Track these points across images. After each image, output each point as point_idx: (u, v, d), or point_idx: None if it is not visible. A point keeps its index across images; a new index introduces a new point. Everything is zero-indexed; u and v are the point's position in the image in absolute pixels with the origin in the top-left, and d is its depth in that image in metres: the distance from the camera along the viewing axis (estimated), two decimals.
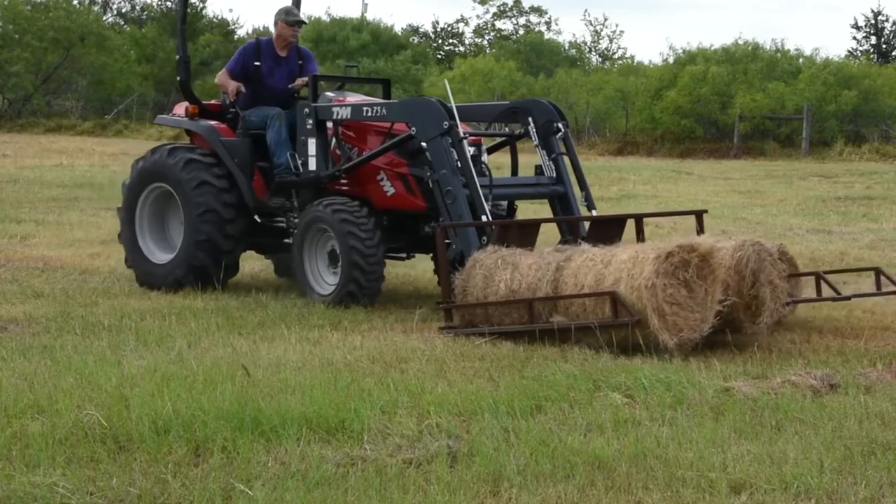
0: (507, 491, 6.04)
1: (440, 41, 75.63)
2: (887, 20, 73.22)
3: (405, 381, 8.42)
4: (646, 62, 64.82)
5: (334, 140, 12.29)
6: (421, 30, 72.43)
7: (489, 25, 73.58)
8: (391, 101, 12.68)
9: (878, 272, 11.41)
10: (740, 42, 56.85)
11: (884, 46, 72.16)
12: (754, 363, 9.27)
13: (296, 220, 12.28)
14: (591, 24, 64.67)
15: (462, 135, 11.30)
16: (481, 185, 11.19)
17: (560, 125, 12.05)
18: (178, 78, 13.36)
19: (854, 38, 74.50)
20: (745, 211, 23.80)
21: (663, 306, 9.10)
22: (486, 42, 73.99)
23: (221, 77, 13.02)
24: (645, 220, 12.08)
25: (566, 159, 12.13)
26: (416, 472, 6.31)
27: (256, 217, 12.75)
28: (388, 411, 7.48)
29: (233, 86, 12.73)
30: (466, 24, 71.57)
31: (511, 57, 63.69)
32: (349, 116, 12.19)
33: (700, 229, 11.31)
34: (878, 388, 8.46)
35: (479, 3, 72.21)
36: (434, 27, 73.85)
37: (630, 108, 54.27)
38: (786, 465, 6.52)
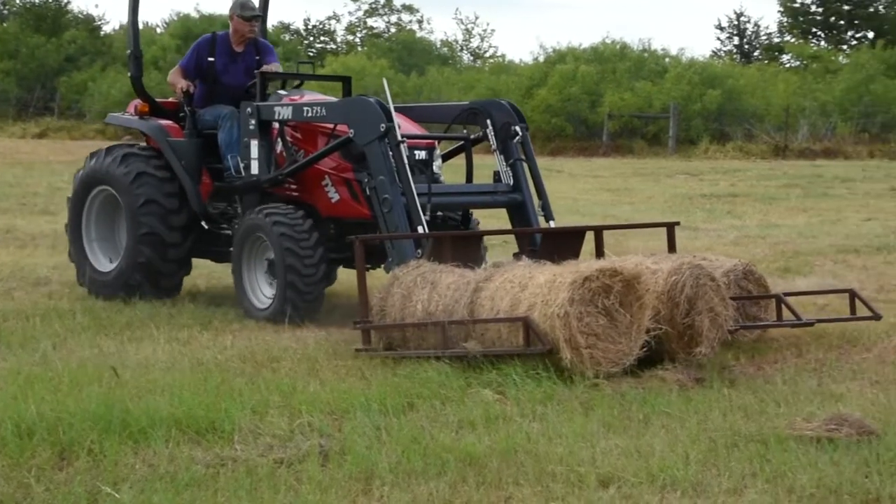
0: (379, 489, 6.04)
1: (312, 38, 75.17)
2: (749, 21, 74.54)
3: (277, 380, 8.37)
4: (517, 61, 64.94)
5: (279, 142, 11.52)
6: (292, 27, 71.91)
7: (361, 23, 73.41)
8: (331, 100, 11.56)
9: (853, 294, 10.27)
10: (608, 42, 57.35)
11: (746, 47, 73.36)
12: None
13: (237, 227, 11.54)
14: (462, 23, 64.96)
15: (400, 138, 10.36)
16: (419, 194, 10.29)
17: (518, 128, 11.15)
18: (130, 74, 12.50)
19: (718, 38, 75.91)
20: (614, 209, 24.01)
21: (577, 337, 8.16)
22: (357, 40, 73.75)
23: (173, 75, 12.24)
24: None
25: (525, 165, 11.22)
26: (288, 471, 6.28)
27: (203, 223, 11.89)
28: (259, 411, 7.42)
29: (182, 84, 11.94)
30: (338, 21, 71.31)
31: (383, 55, 63.50)
32: (290, 117, 11.32)
33: (671, 245, 10.72)
34: (742, 381, 8.59)
35: (352, 0, 72.04)
36: (306, 24, 73.40)
37: None
38: (653, 458, 6.59)
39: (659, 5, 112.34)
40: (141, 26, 12.72)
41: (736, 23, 74.62)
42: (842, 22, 73.09)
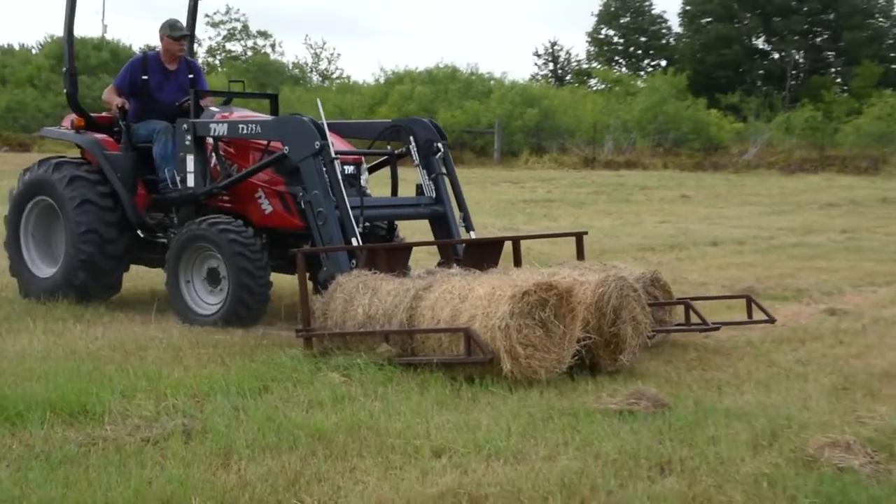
0: (237, 463, 5.97)
1: None
2: (562, 49, 75.69)
3: (144, 367, 8.22)
4: (360, 81, 64.89)
5: (214, 156, 10.87)
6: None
7: (220, 47, 72.63)
8: (266, 118, 10.99)
9: (748, 300, 10.04)
10: (441, 65, 57.65)
11: (559, 72, 74.40)
12: None
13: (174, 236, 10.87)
14: (311, 48, 64.56)
15: (334, 154, 9.93)
16: (352, 207, 9.83)
17: (440, 145, 10.76)
18: (65, 90, 11.74)
19: (535, 64, 76.82)
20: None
21: (517, 348, 7.75)
22: (217, 62, 72.89)
23: (108, 93, 11.53)
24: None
25: (446, 179, 10.85)
26: (154, 448, 6.18)
27: (139, 232, 11.20)
28: (127, 395, 7.28)
29: (117, 101, 11.27)
30: (200, 45, 70.40)
31: (241, 75, 62.94)
32: (226, 133, 10.69)
33: (580, 252, 10.39)
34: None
35: (211, 26, 71.16)
36: None
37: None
38: (479, 431, 6.63)
39: (485, 34, 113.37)
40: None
41: (551, 50, 75.86)
42: (640, 51, 74.57)
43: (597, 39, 75.41)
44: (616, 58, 74.94)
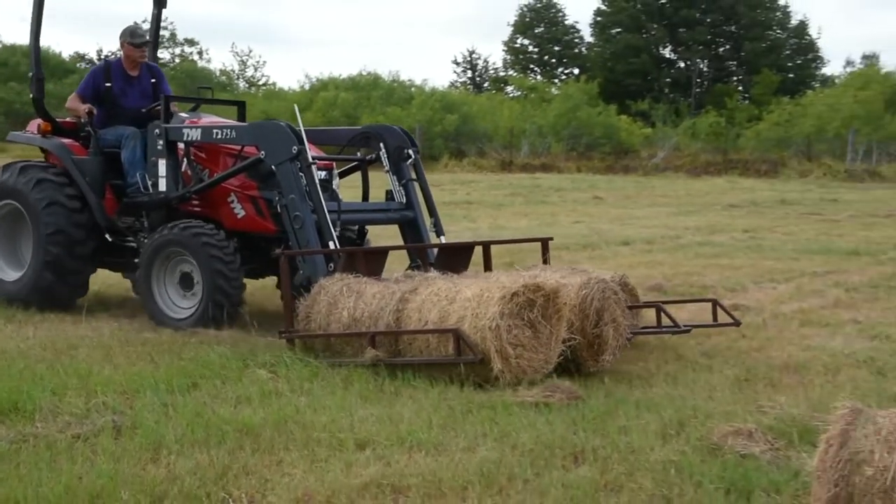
0: (167, 457, 5.89)
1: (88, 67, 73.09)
2: (480, 58, 75.93)
3: (75, 365, 8.09)
4: (286, 88, 64.65)
5: (185, 161, 10.56)
6: (87, 57, 69.74)
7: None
8: (241, 124, 10.67)
9: (714, 303, 9.81)
10: (364, 73, 57.73)
11: (478, 79, 74.60)
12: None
13: (146, 241, 10.44)
14: (238, 55, 64.04)
15: (311, 159, 9.67)
16: (329, 211, 9.55)
17: (411, 151, 10.44)
18: (31, 95, 11.36)
19: (454, 71, 77.04)
20: None
21: (507, 348, 7.57)
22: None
23: (72, 101, 11.10)
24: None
25: (416, 185, 10.59)
26: (84, 444, 6.08)
27: (108, 236, 10.80)
28: (58, 392, 7.16)
29: (84, 107, 10.88)
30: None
31: (169, 82, 62.37)
32: (199, 138, 10.35)
33: (545, 257, 10.15)
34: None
35: None
36: (98, 55, 71.25)
37: None
38: (402, 423, 6.60)
39: (405, 43, 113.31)
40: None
41: (469, 59, 76.10)
42: (553, 60, 74.95)
43: (513, 48, 75.74)
44: (531, 66, 75.30)
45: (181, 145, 10.51)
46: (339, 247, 9.41)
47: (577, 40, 75.40)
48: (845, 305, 11.66)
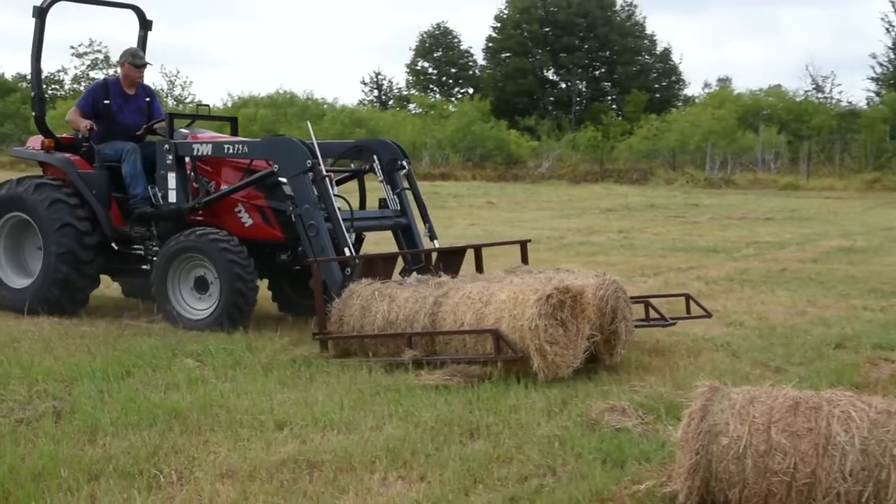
0: (103, 439, 5.82)
1: (45, 86, 71.48)
2: (385, 78, 75.79)
3: (17, 356, 7.94)
4: (211, 105, 63.88)
5: (192, 174, 9.98)
6: (28, 77, 68.51)
7: (85, 75, 70.49)
8: (253, 140, 10.24)
9: (687, 297, 9.56)
10: (281, 91, 57.36)
11: (383, 97, 74.46)
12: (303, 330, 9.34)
13: (155, 248, 9.95)
14: (166, 75, 62.85)
15: (325, 172, 9.27)
16: (343, 219, 9.20)
17: (404, 163, 10.03)
18: (33, 113, 10.83)
19: (362, 90, 76.80)
20: None
21: (545, 346, 7.26)
22: (82, 88, 70.84)
23: (73, 115, 10.52)
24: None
25: (409, 194, 10.12)
26: (27, 428, 5.98)
27: (114, 245, 10.28)
28: (2, 382, 7.04)
29: (85, 123, 10.30)
30: (66, 73, 68.36)
31: None
32: (210, 153, 9.82)
33: (524, 257, 9.81)
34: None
35: (77, 56, 68.78)
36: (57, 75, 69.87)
37: None
38: (316, 406, 6.58)
39: (318, 64, 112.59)
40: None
41: (375, 79, 75.86)
42: (451, 80, 75.11)
43: (414, 70, 75.70)
44: (431, 86, 75.31)
45: (188, 159, 10.00)
46: (353, 252, 9.10)
47: (471, 63, 75.58)
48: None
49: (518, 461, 5.52)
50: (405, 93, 74.71)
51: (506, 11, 72.47)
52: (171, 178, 9.84)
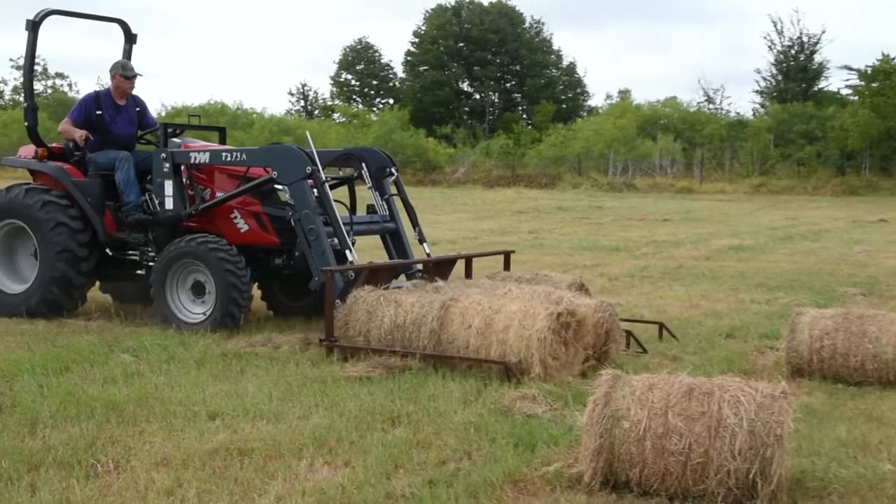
0: (42, 431, 5.71)
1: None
2: (311, 89, 75.45)
3: None
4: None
5: (187, 181, 9.57)
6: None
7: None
8: (252, 148, 9.73)
9: (661, 326, 9.17)
10: (212, 102, 56.80)
11: (309, 107, 73.97)
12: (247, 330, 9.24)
13: (151, 254, 9.58)
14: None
15: (324, 178, 8.98)
16: (344, 224, 8.93)
17: (393, 170, 9.76)
18: (26, 124, 10.37)
19: (290, 101, 76.29)
20: None
21: (548, 359, 7.11)
22: (21, 98, 69.31)
23: (65, 125, 10.07)
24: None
25: (397, 200, 9.86)
26: None
27: (108, 251, 9.87)
28: None
29: (80, 133, 9.88)
30: (6, 84, 66.92)
31: (44, 109, 60.22)
32: (207, 161, 9.42)
33: (507, 265, 9.80)
34: (311, 345, 8.56)
35: (16, 69, 67.38)
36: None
37: None
38: (246, 397, 6.53)
39: (247, 76, 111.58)
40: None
41: (301, 90, 75.40)
42: (372, 92, 74.95)
43: (338, 82, 75.34)
44: (354, 96, 75.02)
45: (183, 167, 9.62)
46: (355, 256, 8.76)
47: (391, 76, 75.46)
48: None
49: (436, 447, 5.53)
50: (330, 103, 74.38)
51: (423, 27, 72.54)
52: (168, 186, 9.47)
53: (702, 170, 50.77)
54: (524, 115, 71.17)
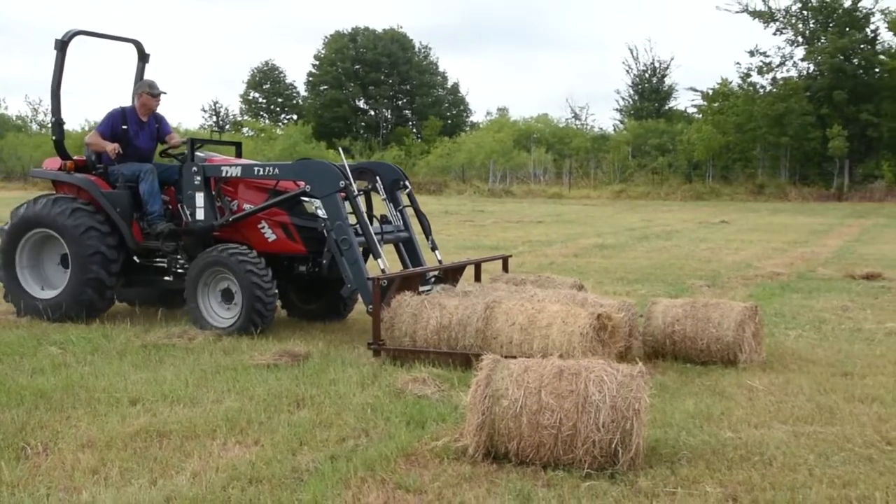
0: None
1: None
2: (222, 106, 74.31)
3: None
4: (70, 129, 61.33)
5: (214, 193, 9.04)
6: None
7: None
8: (285, 162, 9.11)
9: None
10: None
11: (220, 122, 72.75)
12: (167, 324, 9.06)
13: (181, 262, 9.12)
14: (30, 104, 59.88)
15: (356, 192, 8.50)
16: (375, 233, 8.51)
17: (406, 183, 9.33)
18: (53, 137, 9.82)
19: (203, 116, 74.98)
20: None
21: (588, 354, 6.63)
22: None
23: (94, 138, 9.58)
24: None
25: (410, 211, 9.45)
26: None
27: (136, 258, 9.36)
28: None
29: (112, 146, 9.38)
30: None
31: None
32: (239, 175, 8.92)
33: (505, 268, 9.56)
34: (224, 335, 8.44)
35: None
36: None
37: None
38: (165, 384, 6.41)
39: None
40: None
41: (214, 107, 74.08)
42: (278, 108, 74.21)
43: (247, 99, 74.34)
44: (261, 112, 74.14)
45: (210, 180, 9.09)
46: (387, 265, 8.27)
47: (294, 94, 74.78)
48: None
49: (337, 426, 5.51)
50: (239, 119, 73.30)
51: (323, 51, 72.13)
52: (200, 198, 8.95)
53: (570, 178, 51.55)
54: (414, 130, 71.30)
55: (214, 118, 73.30)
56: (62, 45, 9.70)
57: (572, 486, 4.52)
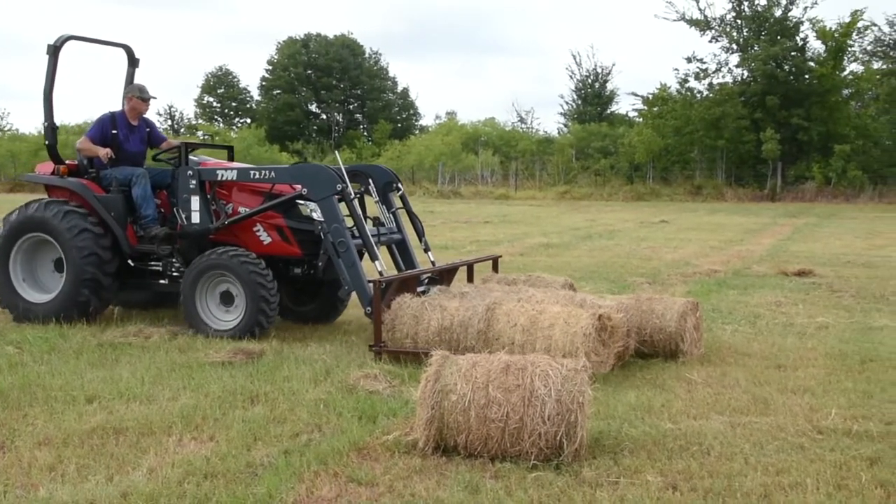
0: None
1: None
2: (177, 110, 73.45)
3: None
4: (27, 133, 60.36)
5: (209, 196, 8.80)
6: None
7: None
8: (281, 166, 8.81)
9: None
10: (89, 121, 54.46)
11: (176, 126, 71.96)
12: (132, 322, 8.93)
13: (176, 265, 8.88)
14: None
15: (353, 194, 8.31)
16: (372, 235, 8.33)
17: (399, 185, 9.18)
18: (46, 142, 9.58)
19: (158, 121, 73.90)
20: None
21: (591, 354, 6.58)
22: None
23: (85, 143, 9.30)
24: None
25: (402, 213, 9.25)
26: None
27: (130, 261, 9.11)
28: None
29: (104, 151, 9.12)
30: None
31: None
32: (235, 178, 8.66)
33: (495, 268, 9.35)
34: (181, 335, 8.35)
35: None
36: None
37: (16, 162, 50.64)
38: (121, 382, 6.34)
39: (118, 97, 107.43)
40: None
41: (169, 111, 73.29)
42: (232, 112, 73.63)
43: (201, 104, 73.60)
44: (215, 116, 73.44)
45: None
46: (384, 266, 8.06)
47: (248, 98, 74.16)
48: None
49: (291, 421, 5.49)
50: (194, 122, 72.55)
51: (276, 56, 71.63)
52: (195, 201, 8.73)
53: (516, 179, 51.77)
54: (365, 133, 71.11)
55: (170, 122, 72.51)
56: (54, 51, 9.49)
57: (519, 477, 4.55)
